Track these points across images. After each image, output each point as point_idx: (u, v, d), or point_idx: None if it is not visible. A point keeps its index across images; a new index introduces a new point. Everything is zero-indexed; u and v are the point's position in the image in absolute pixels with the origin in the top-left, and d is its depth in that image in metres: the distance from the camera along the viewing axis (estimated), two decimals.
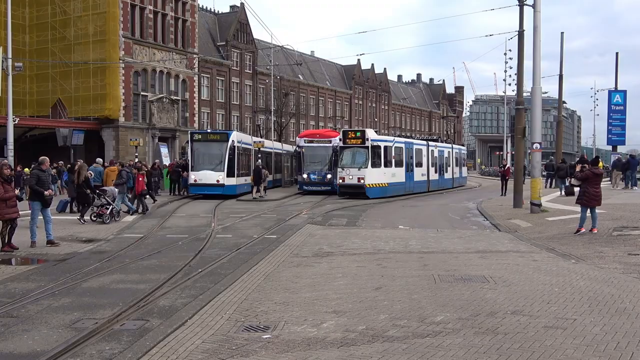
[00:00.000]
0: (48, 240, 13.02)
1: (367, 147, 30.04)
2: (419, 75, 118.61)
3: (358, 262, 10.77)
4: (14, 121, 29.02)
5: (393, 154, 32.18)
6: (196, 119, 51.87)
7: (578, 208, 15.54)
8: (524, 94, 24.58)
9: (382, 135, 35.66)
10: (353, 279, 9.11)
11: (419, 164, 36.13)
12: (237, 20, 60.27)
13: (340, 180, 30.53)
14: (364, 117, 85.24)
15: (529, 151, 28.70)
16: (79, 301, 7.99)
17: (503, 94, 78.49)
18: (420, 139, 40.79)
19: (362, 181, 29.59)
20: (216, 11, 62.87)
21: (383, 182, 30.86)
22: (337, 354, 5.56)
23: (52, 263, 11.06)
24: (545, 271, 9.65)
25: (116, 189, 19.53)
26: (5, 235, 12.18)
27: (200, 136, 31.74)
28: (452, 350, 5.57)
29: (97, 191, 18.70)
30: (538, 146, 20.79)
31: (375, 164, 30.35)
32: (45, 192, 12.92)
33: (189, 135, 31.80)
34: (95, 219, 18.06)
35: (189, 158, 30.54)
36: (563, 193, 27.73)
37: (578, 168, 15.37)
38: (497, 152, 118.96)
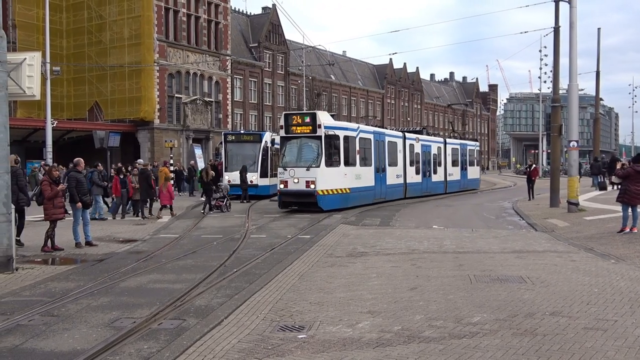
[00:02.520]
0: (87, 242, 13.28)
1: (320, 138, 21.95)
2: (451, 74, 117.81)
3: (392, 262, 10.71)
4: (53, 124, 29.74)
5: (357, 148, 24.25)
6: (229, 120, 52.34)
7: (617, 207, 15.21)
8: (560, 92, 24.17)
9: (342, 122, 27.44)
10: (388, 279, 9.07)
11: (393, 163, 28.24)
12: (269, 22, 60.63)
13: (282, 186, 22.45)
14: (396, 117, 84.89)
15: (566, 149, 28.35)
16: (117, 300, 8.12)
17: (538, 91, 77.26)
18: (398, 131, 32.28)
19: (312, 186, 21.74)
20: (248, 13, 63.35)
21: (343, 187, 23.02)
22: (373, 354, 5.53)
23: (91, 263, 11.26)
24: (584, 271, 9.47)
25: (229, 185, 23.85)
26: (49, 236, 12.47)
27: (233, 137, 31.92)
28: (489, 351, 5.49)
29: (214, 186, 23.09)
30: (575, 144, 20.43)
31: (332, 162, 22.41)
32: (77, 205, 13.06)
33: (223, 137, 32.01)
34: (213, 210, 22.44)
35: (223, 159, 30.70)
36: (597, 188, 28.66)
37: (619, 165, 15.02)
38: (533, 151, 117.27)
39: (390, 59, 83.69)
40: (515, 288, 8.19)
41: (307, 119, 22.54)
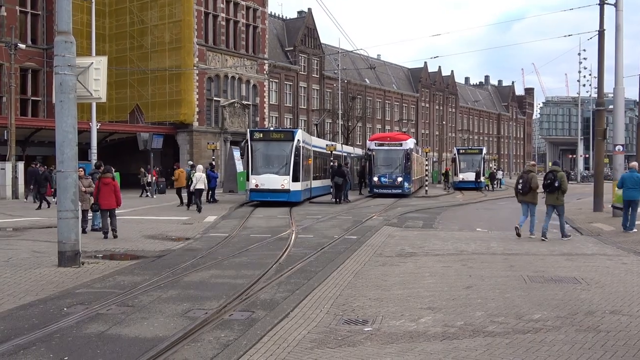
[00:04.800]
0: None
1: None
2: (486, 77, 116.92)
3: (443, 262, 10.91)
4: (97, 126, 30.58)
5: None
6: (266, 122, 52.91)
7: None
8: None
9: None
10: (441, 278, 9.28)
11: None
12: (304, 26, 61.17)
13: None
14: (430, 120, 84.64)
15: (607, 154, 28.08)
16: (185, 293, 8.50)
17: (577, 95, 76.31)
18: None
19: None
20: (284, 17, 63.98)
21: None
22: (442, 346, 5.78)
23: (151, 259, 11.70)
24: (637, 273, 9.56)
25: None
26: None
27: (261, 135, 27.50)
28: (556, 345, 5.69)
29: None
30: (621, 148, 20.31)
31: None
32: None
33: (248, 134, 27.51)
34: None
35: (249, 159, 26.88)
36: None
37: None
38: (569, 155, 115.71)
39: (425, 63, 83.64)
40: (570, 288, 8.34)
41: None
